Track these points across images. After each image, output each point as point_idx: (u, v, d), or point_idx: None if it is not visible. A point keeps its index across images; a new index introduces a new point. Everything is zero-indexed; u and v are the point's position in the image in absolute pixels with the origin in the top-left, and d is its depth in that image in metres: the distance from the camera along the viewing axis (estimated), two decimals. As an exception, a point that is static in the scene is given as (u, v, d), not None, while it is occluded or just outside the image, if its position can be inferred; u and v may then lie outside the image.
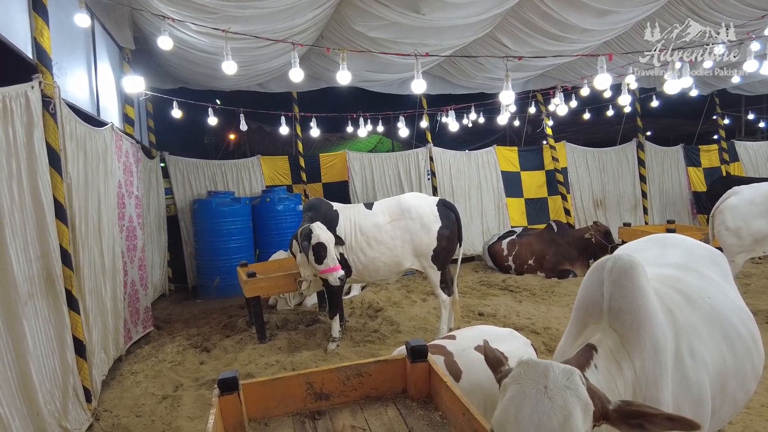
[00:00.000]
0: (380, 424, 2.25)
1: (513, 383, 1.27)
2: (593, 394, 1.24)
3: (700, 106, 11.64)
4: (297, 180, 9.32)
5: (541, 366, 1.26)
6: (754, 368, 1.94)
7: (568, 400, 1.19)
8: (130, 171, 5.53)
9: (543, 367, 1.26)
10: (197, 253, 8.08)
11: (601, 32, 7.11)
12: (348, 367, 2.48)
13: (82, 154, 4.00)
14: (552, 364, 1.26)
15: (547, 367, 1.25)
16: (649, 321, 1.56)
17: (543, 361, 1.28)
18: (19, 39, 3.30)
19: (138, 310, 5.55)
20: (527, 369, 1.27)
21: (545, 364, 1.26)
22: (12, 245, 2.93)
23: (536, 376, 1.24)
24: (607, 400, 1.26)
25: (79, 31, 4.56)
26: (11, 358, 2.88)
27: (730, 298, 2.04)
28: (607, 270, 1.64)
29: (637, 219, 10.77)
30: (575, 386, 1.22)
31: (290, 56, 4.86)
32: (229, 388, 2.22)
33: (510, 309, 6.00)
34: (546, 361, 1.28)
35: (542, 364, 1.27)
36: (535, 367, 1.27)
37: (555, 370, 1.24)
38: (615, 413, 1.24)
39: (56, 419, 3.17)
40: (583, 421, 1.18)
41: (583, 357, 1.49)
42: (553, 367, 1.25)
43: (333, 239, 4.66)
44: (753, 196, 5.01)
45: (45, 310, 3.25)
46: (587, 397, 1.21)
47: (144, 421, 3.73)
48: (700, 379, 1.63)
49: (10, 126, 2.99)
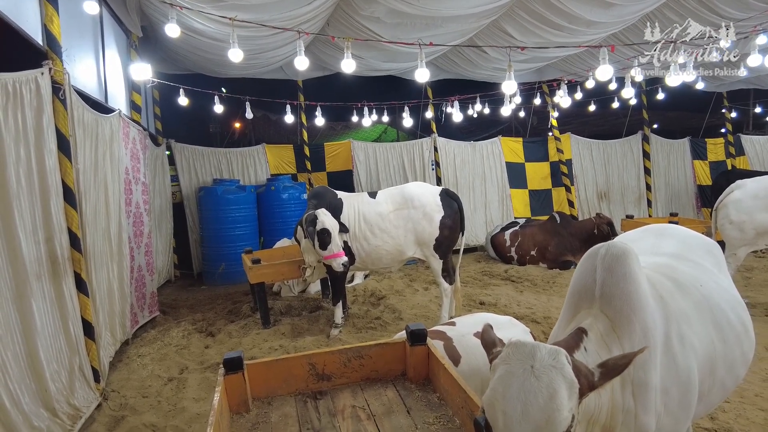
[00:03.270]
0: (379, 405, 2.32)
1: (502, 363, 1.33)
2: (578, 372, 1.30)
3: (707, 99, 11.56)
4: (302, 169, 9.36)
5: (528, 347, 1.32)
6: (744, 354, 1.99)
7: (554, 378, 1.25)
8: (137, 158, 5.60)
9: (530, 348, 1.31)
10: (202, 240, 8.17)
11: (608, 24, 7.07)
12: (349, 350, 2.55)
13: (90, 140, 4.06)
14: (539, 345, 1.31)
15: (534, 348, 1.31)
16: (639, 306, 1.61)
17: (531, 342, 1.33)
18: (29, 26, 3.35)
19: (144, 294, 5.64)
20: (515, 350, 1.32)
21: (533, 344, 1.32)
22: (21, 227, 3.01)
23: (524, 356, 1.30)
24: (591, 372, 1.34)
25: (87, 18, 4.60)
26: (20, 336, 2.96)
27: (723, 287, 2.09)
28: (600, 257, 1.69)
29: (641, 211, 10.77)
30: (561, 365, 1.27)
31: (297, 44, 4.89)
32: (234, 368, 2.29)
33: (511, 299, 6.07)
34: (534, 341, 1.34)
35: (530, 344, 1.32)
36: (523, 347, 1.32)
37: (542, 350, 1.30)
38: (600, 381, 1.34)
39: (64, 396, 3.27)
40: (568, 398, 1.24)
41: (573, 340, 1.55)
42: (540, 348, 1.30)
43: (337, 226, 4.73)
44: (757, 190, 5.03)
45: (52, 291, 3.33)
46: (572, 375, 1.27)
47: (150, 402, 3.83)
48: (688, 363, 1.68)
49: (19, 111, 3.05)
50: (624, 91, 6.16)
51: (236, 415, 2.30)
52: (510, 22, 7.09)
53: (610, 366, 1.36)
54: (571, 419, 1.25)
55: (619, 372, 1.35)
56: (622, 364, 1.35)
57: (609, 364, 1.36)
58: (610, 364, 1.37)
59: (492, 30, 7.38)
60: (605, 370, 1.35)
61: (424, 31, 6.82)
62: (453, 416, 2.16)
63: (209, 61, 6.99)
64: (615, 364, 1.36)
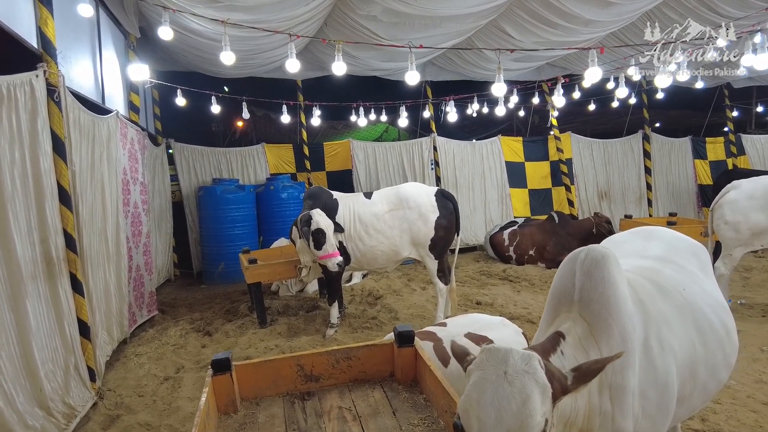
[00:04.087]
0: (366, 405, 2.34)
1: (476, 369, 1.34)
2: (551, 376, 1.31)
3: (709, 98, 11.51)
4: (301, 168, 9.38)
5: (501, 352, 1.33)
6: (726, 358, 1.99)
7: (527, 384, 1.26)
8: (135, 158, 5.63)
9: (503, 353, 1.32)
10: (202, 240, 8.21)
11: (606, 23, 7.06)
12: (337, 351, 2.57)
13: (87, 141, 4.09)
14: (512, 350, 1.32)
15: (507, 354, 1.32)
16: (617, 311, 1.62)
17: (504, 348, 1.34)
18: (24, 29, 3.37)
19: (143, 294, 5.68)
20: (489, 355, 1.33)
21: (506, 350, 1.33)
22: (15, 228, 3.04)
23: (497, 362, 1.31)
24: (564, 377, 1.34)
25: (84, 20, 4.62)
26: (15, 337, 3.00)
27: (706, 291, 2.09)
28: (580, 261, 1.70)
29: (642, 211, 10.74)
30: (533, 370, 1.29)
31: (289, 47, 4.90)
32: (222, 369, 2.32)
33: (508, 298, 6.07)
34: (507, 347, 1.35)
35: (503, 350, 1.33)
36: (496, 353, 1.33)
37: (515, 356, 1.31)
38: (574, 385, 1.34)
39: (59, 396, 3.31)
40: (541, 403, 1.25)
41: (549, 343, 1.56)
42: (512, 353, 1.31)
43: (332, 226, 4.75)
44: (752, 191, 5.01)
45: (48, 291, 3.36)
46: (545, 380, 1.28)
47: (146, 401, 3.87)
48: (666, 367, 1.69)
49: (14, 114, 3.08)
50: (618, 91, 6.15)
51: (224, 415, 2.33)
52: (508, 22, 7.09)
53: (584, 370, 1.37)
54: (545, 423, 1.26)
55: (592, 376, 1.36)
56: (595, 369, 1.36)
57: (582, 369, 1.37)
58: (583, 368, 1.38)
59: (490, 29, 7.38)
60: (578, 374, 1.36)
61: (422, 31, 6.82)
62: (438, 418, 2.18)
63: (207, 61, 7.02)
64: (588, 368, 1.37)
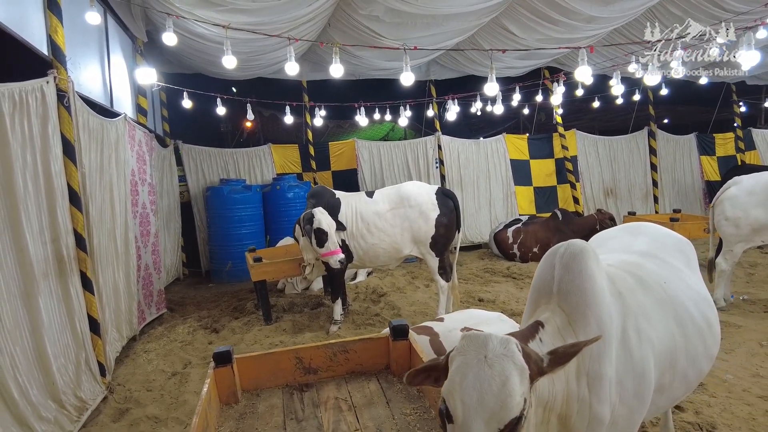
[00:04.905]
0: (361, 396, 2.43)
1: (458, 355, 1.41)
2: (528, 358, 1.39)
3: (718, 93, 11.44)
4: (307, 168, 9.50)
5: (481, 338, 1.40)
6: (707, 349, 2.05)
7: (505, 366, 1.34)
8: (143, 159, 5.77)
9: (483, 339, 1.40)
10: (210, 239, 8.36)
11: (609, 19, 7.08)
12: (335, 344, 2.67)
13: (96, 144, 4.22)
14: (491, 335, 1.40)
15: (486, 339, 1.39)
16: (594, 302, 1.69)
17: (483, 333, 1.42)
18: (35, 37, 3.51)
19: (152, 292, 5.82)
20: (469, 341, 1.41)
21: (485, 335, 1.41)
22: (28, 228, 3.17)
23: (477, 347, 1.39)
24: (541, 359, 1.42)
25: (92, 27, 4.76)
26: (28, 332, 3.13)
27: (689, 284, 2.15)
28: (559, 255, 1.78)
29: (648, 208, 10.71)
30: (511, 354, 1.37)
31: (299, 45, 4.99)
32: (224, 361, 2.42)
33: (510, 295, 6.13)
34: (486, 333, 1.43)
35: (482, 336, 1.41)
36: (476, 339, 1.41)
37: (493, 340, 1.39)
38: (549, 367, 1.42)
39: (71, 389, 3.44)
40: (519, 384, 1.34)
41: (528, 331, 1.63)
42: (491, 338, 1.39)
43: (334, 224, 4.85)
44: (753, 186, 5.02)
45: (59, 289, 3.49)
46: (522, 362, 1.37)
47: (154, 395, 3.99)
48: (644, 356, 1.75)
49: (26, 119, 3.21)
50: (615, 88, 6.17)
51: (225, 405, 2.43)
52: (510, 20, 7.14)
53: (560, 353, 1.44)
54: (524, 403, 1.34)
55: (568, 359, 1.43)
56: (571, 352, 1.43)
57: (559, 352, 1.45)
58: (560, 351, 1.45)
59: (493, 27, 7.43)
60: (555, 357, 1.43)
61: (424, 30, 6.89)
62: (429, 408, 2.26)
63: (212, 63, 7.14)
64: (565, 351, 1.44)
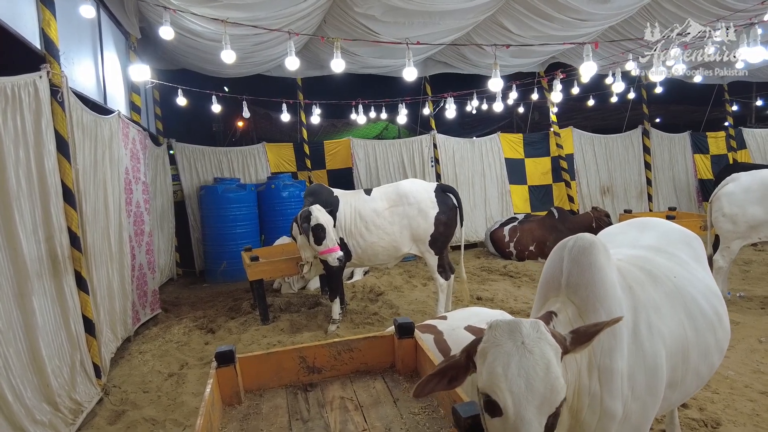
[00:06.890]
0: (367, 396, 2.38)
1: (492, 346, 1.34)
2: (556, 337, 1.37)
3: (710, 92, 11.54)
4: (302, 167, 9.43)
5: (511, 324, 1.36)
6: (717, 343, 2.03)
7: (544, 348, 1.31)
8: (137, 158, 5.68)
9: (514, 325, 1.35)
10: (204, 239, 8.26)
11: (605, 17, 7.08)
12: (339, 343, 2.62)
13: (90, 141, 4.14)
14: (519, 321, 1.36)
15: (517, 324, 1.35)
16: (604, 295, 1.66)
17: (510, 320, 1.38)
18: (27, 30, 3.42)
19: (146, 292, 5.73)
20: (500, 330, 1.36)
21: (513, 321, 1.36)
22: (21, 227, 3.09)
23: (510, 333, 1.34)
24: (564, 338, 1.39)
25: (85, 21, 4.67)
26: (22, 333, 3.05)
27: (698, 278, 2.13)
28: (568, 248, 1.75)
29: (643, 206, 10.76)
30: (545, 335, 1.33)
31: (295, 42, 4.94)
32: (226, 361, 2.36)
33: (508, 294, 6.11)
34: (512, 319, 1.39)
35: (512, 322, 1.36)
36: (506, 326, 1.36)
37: (525, 325, 1.35)
38: (572, 346, 1.39)
39: (66, 391, 3.36)
40: (557, 364, 1.31)
41: (543, 318, 1.59)
42: (522, 323, 1.35)
43: (332, 221, 4.80)
44: (750, 183, 5.04)
45: (53, 288, 3.41)
46: (555, 342, 1.34)
47: (151, 397, 3.92)
48: (655, 350, 1.73)
49: (18, 114, 3.13)
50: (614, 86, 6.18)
51: (228, 406, 2.38)
52: (507, 17, 7.11)
53: (582, 332, 1.41)
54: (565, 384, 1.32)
55: (590, 338, 1.39)
56: (593, 331, 1.40)
57: (580, 331, 1.41)
58: (581, 330, 1.42)
59: (489, 25, 7.40)
60: (577, 335, 1.40)
61: (421, 28, 6.85)
62: (438, 407, 2.22)
63: (207, 60, 7.07)
64: (586, 331, 1.41)
